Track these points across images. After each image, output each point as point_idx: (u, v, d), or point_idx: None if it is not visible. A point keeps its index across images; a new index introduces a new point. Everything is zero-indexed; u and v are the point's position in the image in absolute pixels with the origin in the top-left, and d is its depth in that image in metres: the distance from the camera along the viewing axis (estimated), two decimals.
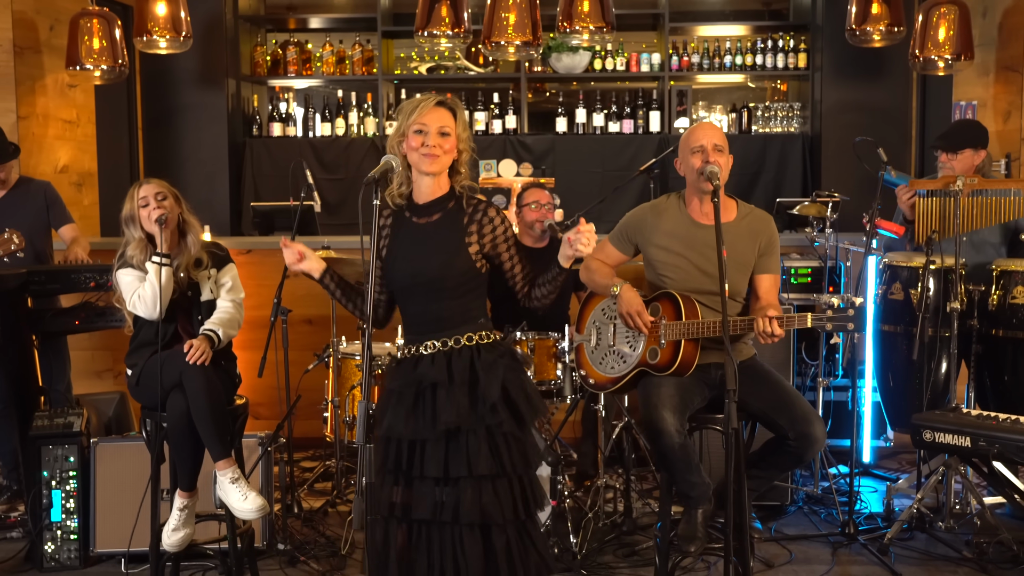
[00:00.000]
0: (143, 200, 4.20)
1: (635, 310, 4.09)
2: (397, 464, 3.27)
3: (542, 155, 8.40)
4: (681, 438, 3.88)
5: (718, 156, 4.08)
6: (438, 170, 3.31)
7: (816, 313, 3.88)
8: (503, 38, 6.51)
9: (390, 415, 3.27)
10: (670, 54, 8.50)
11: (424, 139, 3.27)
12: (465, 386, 3.29)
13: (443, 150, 3.29)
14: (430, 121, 3.28)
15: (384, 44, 8.69)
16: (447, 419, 3.23)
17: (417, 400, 3.27)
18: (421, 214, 3.37)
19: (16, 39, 6.43)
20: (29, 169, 6.48)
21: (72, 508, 4.71)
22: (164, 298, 4.13)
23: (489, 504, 3.24)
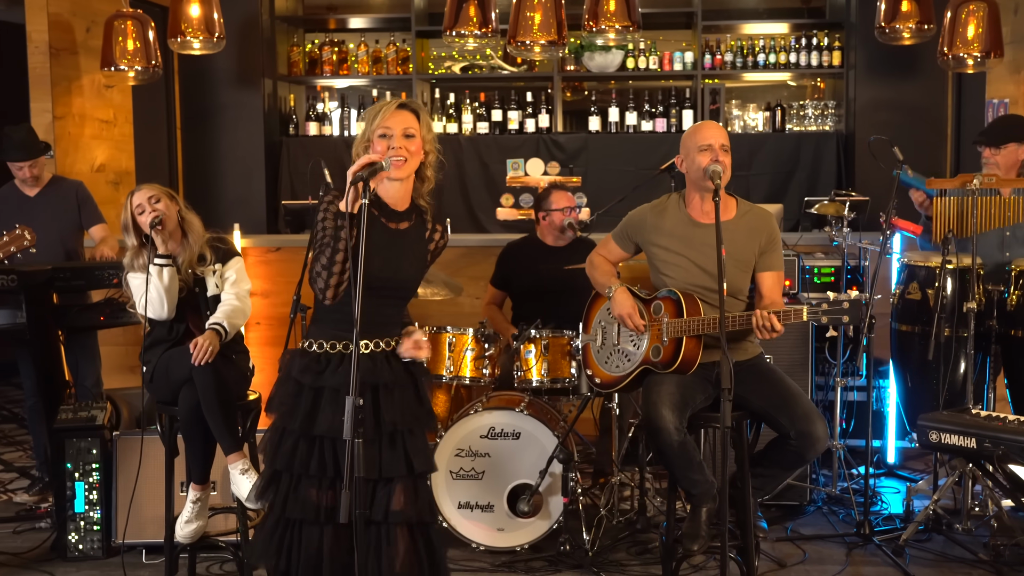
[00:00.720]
0: (138, 208, 4.31)
1: (626, 312, 4.14)
2: (322, 464, 3.24)
3: (575, 154, 8.42)
4: (680, 436, 3.90)
5: (725, 156, 4.10)
6: (406, 174, 3.31)
7: (812, 307, 3.88)
8: (528, 37, 6.54)
9: (327, 414, 3.23)
10: (703, 52, 8.48)
11: (389, 143, 3.27)
12: (407, 389, 3.36)
13: (409, 152, 3.28)
14: (394, 124, 3.28)
15: (418, 43, 8.76)
16: (393, 419, 3.28)
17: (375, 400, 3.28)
18: (392, 218, 3.36)
19: (52, 41, 6.58)
20: (65, 168, 6.63)
21: (95, 499, 4.83)
22: (171, 298, 4.22)
23: (422, 503, 3.32)
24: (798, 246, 5.79)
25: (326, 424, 3.23)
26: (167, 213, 4.31)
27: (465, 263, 6.46)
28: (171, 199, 4.40)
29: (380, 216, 3.35)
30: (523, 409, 4.81)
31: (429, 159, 3.37)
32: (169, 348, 4.27)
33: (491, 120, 8.57)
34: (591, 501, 5.19)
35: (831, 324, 3.84)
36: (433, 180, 3.42)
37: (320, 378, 3.28)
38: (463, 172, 8.51)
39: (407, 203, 3.38)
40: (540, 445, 4.80)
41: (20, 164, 5.68)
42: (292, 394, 3.29)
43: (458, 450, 4.84)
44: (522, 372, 5.03)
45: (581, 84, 9.20)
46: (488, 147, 8.48)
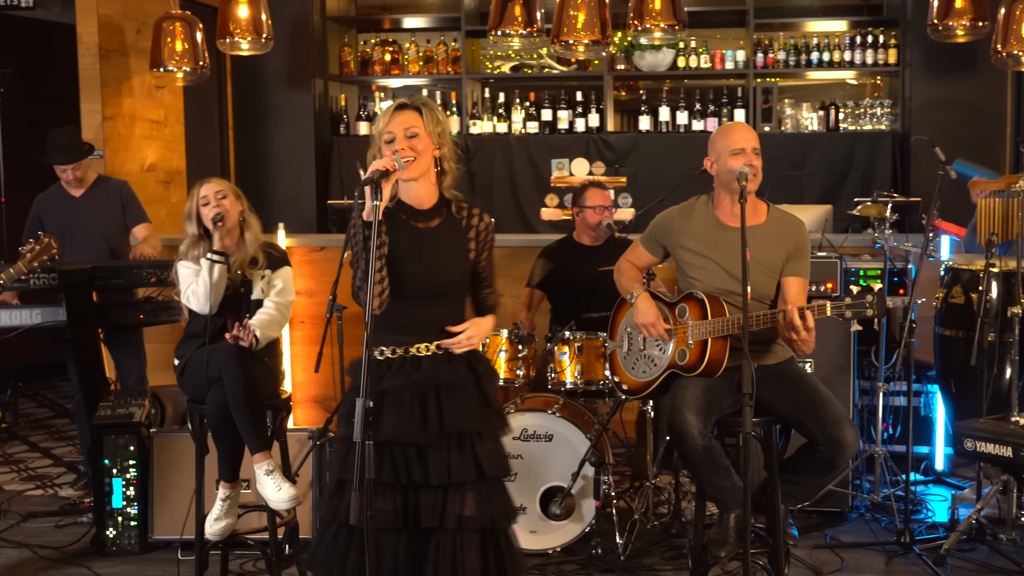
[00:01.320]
0: (204, 199, 4.34)
1: (649, 322, 4.10)
2: (394, 471, 3.22)
3: (625, 153, 8.37)
4: (704, 440, 3.85)
5: (756, 159, 4.05)
6: (417, 173, 3.28)
7: (835, 301, 3.80)
8: (572, 37, 6.51)
9: (389, 418, 3.22)
10: (755, 51, 8.38)
11: (393, 146, 3.25)
12: (471, 389, 3.30)
13: (416, 151, 3.25)
14: (395, 127, 3.26)
15: (468, 43, 8.76)
16: (455, 422, 3.24)
17: (419, 403, 3.26)
18: (420, 219, 3.34)
19: (102, 43, 6.68)
20: (115, 167, 6.73)
21: (132, 496, 4.89)
22: (216, 294, 4.25)
23: (495, 508, 3.27)
24: (843, 248, 5.68)
25: (388, 429, 3.20)
26: (229, 211, 4.35)
27: (507, 263, 6.43)
28: (237, 198, 4.43)
29: (408, 219, 3.33)
30: (556, 411, 4.78)
31: (443, 152, 3.34)
32: (203, 344, 4.29)
33: (541, 119, 8.54)
34: (626, 504, 5.15)
35: (855, 318, 3.77)
36: (455, 171, 3.38)
37: (380, 383, 3.26)
38: (512, 172, 8.49)
39: (432, 200, 3.36)
40: (573, 447, 4.77)
41: (63, 167, 5.77)
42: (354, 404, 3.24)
43: None
44: (556, 374, 5.00)
45: (636, 83, 9.14)
46: (538, 146, 8.45)
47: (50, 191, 5.94)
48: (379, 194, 3.13)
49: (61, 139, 5.74)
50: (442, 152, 3.34)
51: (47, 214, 5.88)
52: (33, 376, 8.00)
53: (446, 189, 3.38)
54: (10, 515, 5.40)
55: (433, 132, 3.30)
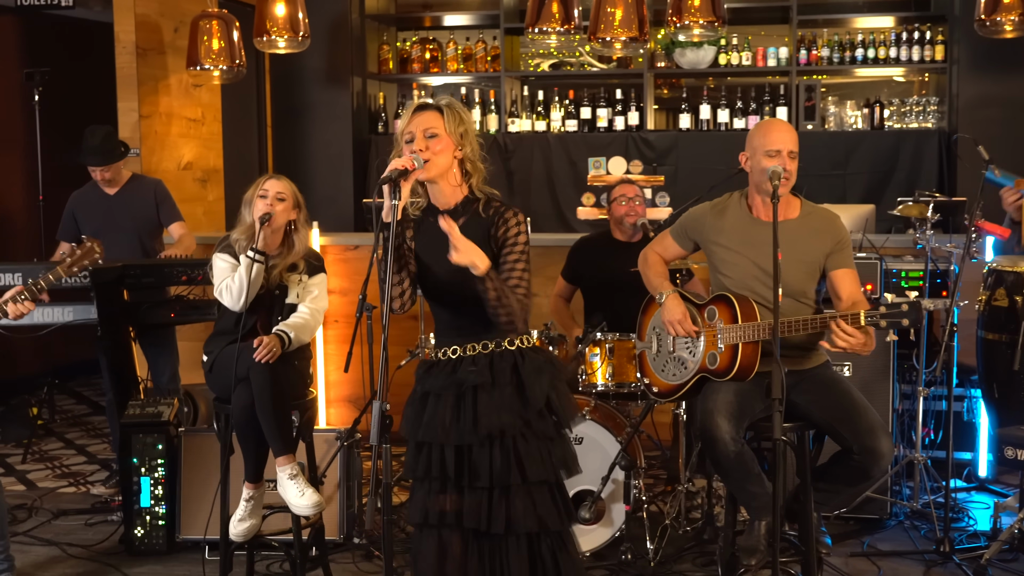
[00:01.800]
0: (263, 192, 4.31)
1: (676, 319, 4.00)
2: (443, 470, 3.20)
3: (665, 152, 8.27)
4: (736, 446, 3.76)
5: (791, 163, 3.96)
6: (435, 173, 3.21)
7: (869, 310, 3.69)
8: (609, 34, 6.43)
9: (427, 418, 3.20)
10: (798, 47, 8.24)
11: (412, 147, 3.19)
12: (509, 388, 3.22)
13: (433, 152, 3.19)
14: (415, 127, 3.21)
15: (508, 41, 8.70)
16: (489, 423, 3.17)
17: (458, 403, 3.20)
18: None
19: (139, 41, 6.69)
20: (152, 165, 6.74)
21: (160, 495, 4.88)
22: (250, 292, 4.21)
23: (544, 512, 3.20)
24: (884, 248, 5.55)
25: (422, 428, 3.21)
26: (278, 214, 4.29)
27: (543, 263, 6.37)
28: (295, 206, 4.37)
29: (434, 222, 3.25)
30: (586, 414, 4.70)
31: (466, 152, 3.26)
32: (232, 342, 4.26)
33: (580, 118, 8.46)
34: (658, 508, 5.06)
35: (891, 328, 3.65)
36: (482, 171, 3.30)
37: (423, 383, 3.28)
38: (551, 170, 8.42)
39: (459, 197, 3.29)
40: (603, 451, 4.69)
41: (95, 168, 5.78)
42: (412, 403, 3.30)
43: None
44: (586, 376, 4.92)
45: (679, 81, 9.02)
46: (576, 145, 8.37)
47: (84, 189, 5.95)
48: (397, 193, 3.07)
49: (95, 140, 5.75)
50: (464, 152, 3.27)
51: (81, 212, 5.89)
52: (73, 373, 8.04)
53: (477, 188, 3.31)
54: (41, 512, 5.41)
55: (454, 132, 3.23)
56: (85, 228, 5.91)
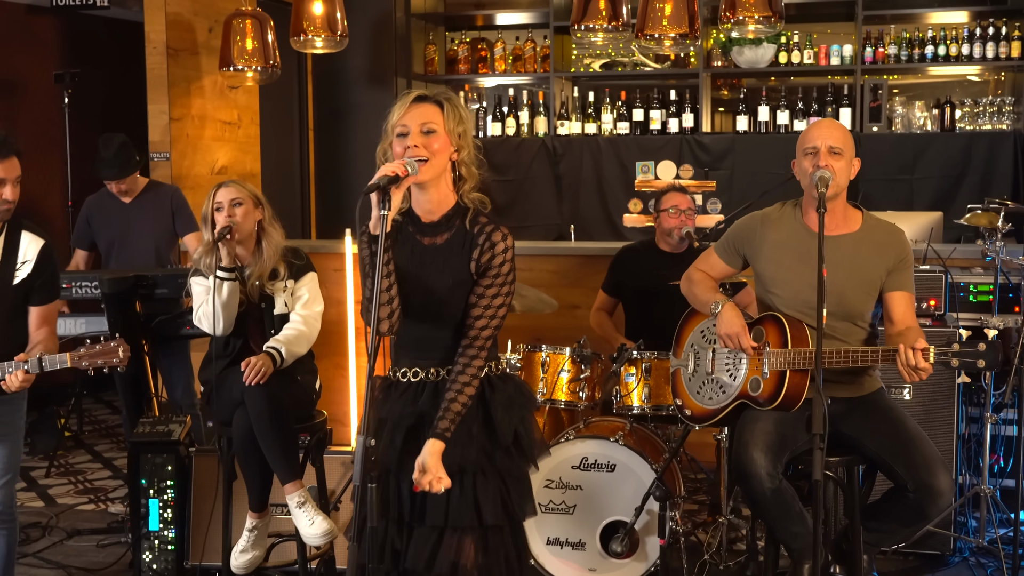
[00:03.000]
0: (218, 204, 4.04)
1: (734, 331, 3.62)
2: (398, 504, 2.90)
3: (720, 156, 7.88)
4: (773, 482, 3.39)
5: (833, 160, 3.56)
6: (428, 176, 2.89)
7: (940, 347, 3.30)
8: (657, 31, 6.06)
9: (384, 449, 2.87)
10: (864, 45, 7.80)
11: (406, 142, 2.87)
12: (475, 423, 2.91)
13: (430, 151, 2.87)
14: (410, 120, 2.88)
15: (557, 40, 8.38)
16: (450, 459, 2.85)
17: (416, 434, 2.89)
18: (427, 232, 2.97)
19: (171, 41, 6.47)
20: (183, 170, 6.52)
21: (169, 518, 4.62)
22: (228, 314, 3.94)
23: (494, 561, 2.89)
24: (951, 260, 5.12)
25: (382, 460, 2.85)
26: (241, 222, 4.03)
27: (583, 272, 6.04)
28: (256, 206, 4.11)
29: (414, 232, 2.97)
30: (618, 439, 4.36)
31: (463, 155, 2.93)
32: (226, 366, 3.99)
33: (632, 120, 8.10)
34: (697, 539, 4.70)
35: (963, 369, 3.26)
36: (475, 177, 2.97)
37: (383, 408, 2.96)
38: (601, 175, 8.08)
39: (442, 211, 2.97)
40: (637, 479, 4.35)
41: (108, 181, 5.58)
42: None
43: (548, 481, 4.43)
44: (621, 397, 4.58)
45: (739, 81, 8.62)
46: (628, 148, 8.01)
47: (100, 195, 5.74)
48: (387, 203, 2.76)
49: (108, 151, 5.51)
50: (461, 156, 2.94)
51: (96, 219, 5.69)
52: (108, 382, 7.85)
53: (466, 195, 2.98)
54: (55, 532, 5.20)
55: (453, 131, 2.91)
56: (99, 236, 5.70)
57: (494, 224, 2.96)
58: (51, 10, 7.56)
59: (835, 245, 3.57)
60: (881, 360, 3.43)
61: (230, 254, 3.98)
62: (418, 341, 2.98)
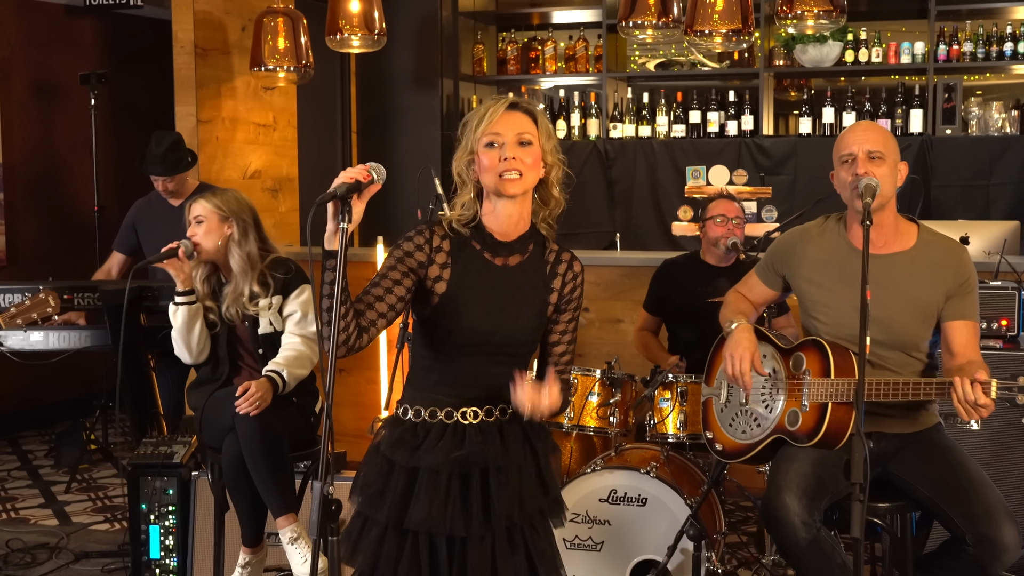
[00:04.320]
0: (188, 220, 3.76)
1: (738, 353, 3.24)
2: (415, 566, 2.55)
3: (782, 160, 7.44)
4: (809, 532, 3.00)
5: (873, 166, 3.15)
6: (522, 190, 2.57)
7: (1006, 381, 2.88)
8: (708, 26, 5.67)
9: (423, 502, 2.53)
10: (937, 42, 7.31)
11: (501, 152, 2.54)
12: (526, 470, 2.61)
13: (526, 165, 2.55)
14: (504, 129, 2.56)
15: (611, 40, 8.00)
16: (509, 511, 2.55)
17: (459, 485, 2.56)
18: (498, 251, 2.64)
19: (200, 40, 6.22)
20: (211, 175, 6.27)
21: (171, 545, 4.34)
22: (188, 341, 3.65)
23: None
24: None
25: (420, 515, 2.53)
26: (201, 240, 3.73)
27: (627, 285, 5.66)
28: (223, 220, 3.78)
29: (482, 250, 2.63)
30: (650, 470, 3.98)
31: (552, 175, 2.62)
32: (216, 389, 3.69)
33: (688, 122, 7.70)
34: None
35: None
36: (562, 202, 2.67)
37: (415, 455, 2.58)
38: (655, 180, 7.68)
39: (518, 232, 2.64)
40: (671, 515, 3.96)
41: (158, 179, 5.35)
42: (381, 474, 2.59)
43: (573, 515, 4.05)
44: (655, 424, 4.20)
45: (807, 82, 8.16)
46: (684, 152, 7.60)
47: (149, 198, 5.54)
48: (347, 214, 2.43)
49: (159, 148, 5.34)
50: (551, 175, 2.63)
51: (143, 224, 5.48)
52: None
53: (542, 222, 2.67)
54: (63, 554, 4.94)
55: (546, 146, 2.60)
56: (146, 242, 5.48)
57: (570, 252, 2.72)
58: (87, 10, 7.37)
59: (884, 264, 3.17)
60: (935, 394, 3.02)
61: (179, 275, 3.69)
62: (455, 377, 2.63)
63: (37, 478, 6.27)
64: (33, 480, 6.22)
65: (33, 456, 6.75)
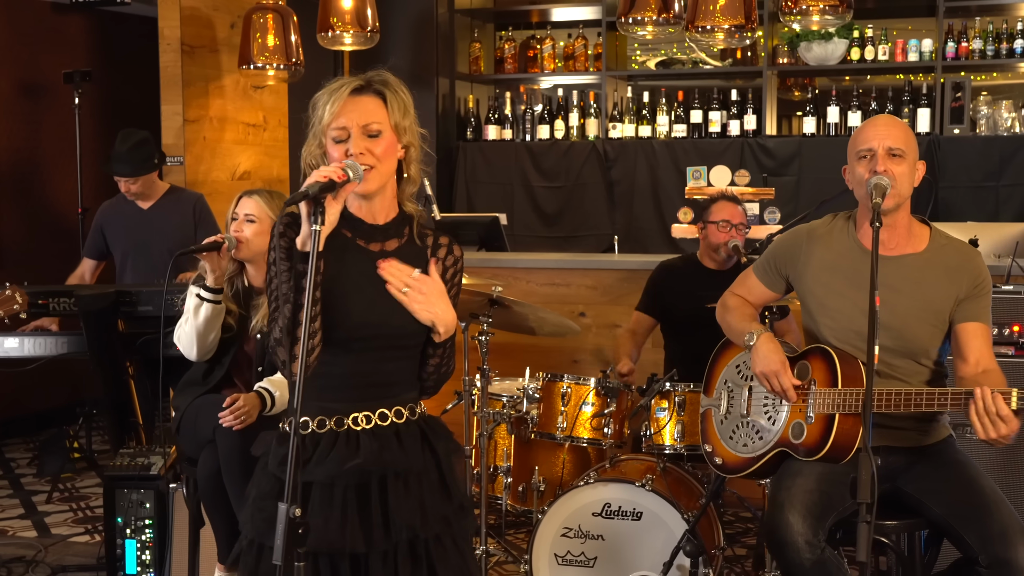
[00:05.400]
0: (235, 215, 3.58)
1: (772, 369, 3.04)
2: None
3: (786, 160, 7.27)
4: (814, 552, 2.82)
5: (893, 164, 2.98)
6: (377, 184, 2.39)
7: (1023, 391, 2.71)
8: (710, 22, 5.49)
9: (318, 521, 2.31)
10: (945, 39, 7.13)
11: (347, 147, 2.35)
12: (428, 476, 2.41)
13: (376, 157, 2.36)
14: (350, 120, 2.37)
15: (610, 38, 7.82)
16: (406, 522, 2.35)
17: (356, 498, 2.36)
18: (373, 238, 2.45)
19: (187, 38, 6.06)
20: (198, 175, 6.10)
21: (148, 561, 4.16)
22: (203, 341, 3.46)
23: None
24: None
25: (316, 535, 2.29)
26: (249, 240, 3.55)
27: (626, 289, 5.47)
28: None
29: (355, 237, 2.44)
30: (645, 483, 3.80)
31: (410, 153, 2.43)
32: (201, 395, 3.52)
33: (689, 122, 7.52)
34: None
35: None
36: (418, 180, 2.47)
37: (305, 470, 2.34)
38: (656, 181, 7.51)
39: (392, 213, 2.46)
40: (667, 529, 3.79)
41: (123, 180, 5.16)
42: (271, 496, 2.36)
43: (565, 529, 3.89)
44: (652, 435, 4.02)
45: (812, 80, 7.97)
46: (686, 152, 7.43)
47: (115, 200, 5.35)
48: (320, 216, 2.25)
49: (123, 147, 5.13)
50: (408, 154, 2.43)
51: (110, 227, 5.29)
52: None
53: (407, 201, 2.48)
54: (39, 568, 4.77)
55: (400, 125, 2.40)
56: (114, 246, 5.30)
57: (448, 236, 2.50)
58: (74, 7, 7.20)
59: (895, 267, 2.99)
60: (951, 405, 2.84)
61: (214, 272, 3.50)
62: (341, 378, 2.42)
63: (19, 487, 6.09)
64: (14, 490, 6.05)
65: (16, 464, 6.58)
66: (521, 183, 7.82)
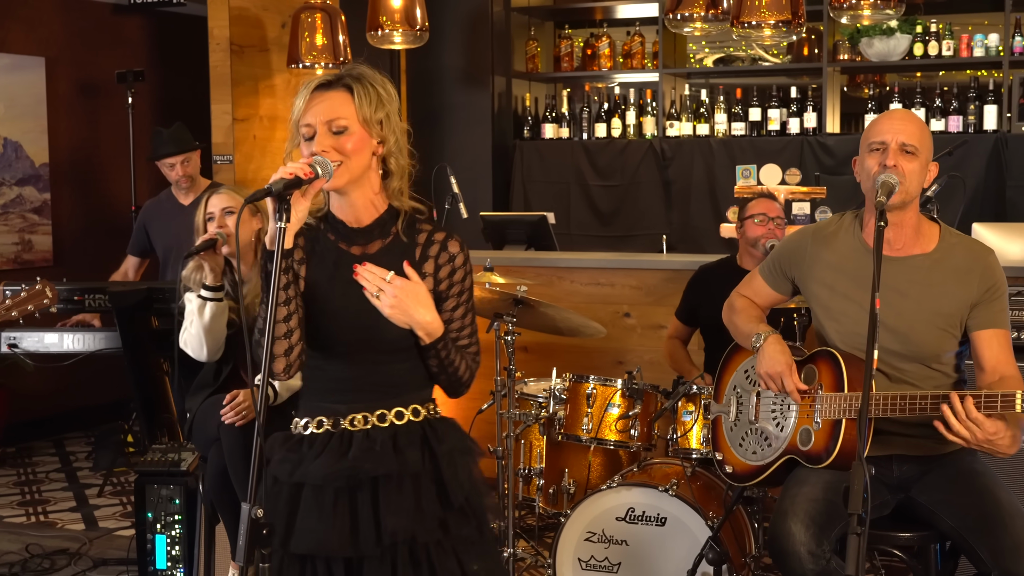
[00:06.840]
0: (209, 214, 3.59)
1: (776, 370, 2.96)
2: None
3: (846, 159, 7.07)
4: (818, 563, 2.73)
5: (905, 160, 2.87)
6: (346, 180, 2.35)
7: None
8: (755, 17, 5.38)
9: (306, 520, 2.31)
10: (1013, 33, 6.90)
11: (312, 146, 2.32)
12: (422, 481, 2.36)
13: (342, 153, 2.32)
14: (315, 118, 2.33)
15: (668, 35, 7.71)
16: (397, 527, 2.31)
17: (347, 501, 2.34)
18: (354, 240, 2.42)
19: (236, 37, 6.11)
20: (248, 174, 6.16)
21: (178, 555, 4.20)
22: (212, 339, 3.48)
23: None
24: None
25: (306, 537, 2.32)
26: (233, 233, 3.57)
27: (671, 289, 5.37)
28: (254, 214, 3.66)
29: (337, 240, 2.42)
30: (669, 488, 3.73)
31: (389, 146, 2.39)
32: (211, 394, 3.54)
33: (748, 120, 7.39)
34: None
35: None
36: (404, 170, 2.42)
37: (298, 470, 2.37)
38: (713, 180, 7.39)
39: (378, 210, 2.42)
40: (691, 536, 3.72)
41: (172, 162, 5.27)
42: (269, 496, 2.34)
43: (589, 533, 3.84)
44: (678, 437, 3.95)
45: (880, 77, 7.79)
46: (743, 150, 7.29)
47: (159, 198, 5.45)
48: (286, 213, 2.23)
49: (167, 131, 5.29)
50: (387, 147, 2.39)
51: (153, 224, 5.38)
52: None
53: (395, 195, 2.43)
54: (82, 561, 4.86)
55: (371, 120, 2.36)
56: (157, 243, 5.39)
57: (444, 232, 2.43)
58: (133, 8, 7.32)
59: (902, 268, 2.89)
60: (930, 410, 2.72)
61: (214, 270, 3.52)
62: (337, 380, 2.42)
63: (74, 480, 6.22)
64: (69, 483, 6.17)
65: (75, 458, 6.72)
66: (577, 182, 7.76)
